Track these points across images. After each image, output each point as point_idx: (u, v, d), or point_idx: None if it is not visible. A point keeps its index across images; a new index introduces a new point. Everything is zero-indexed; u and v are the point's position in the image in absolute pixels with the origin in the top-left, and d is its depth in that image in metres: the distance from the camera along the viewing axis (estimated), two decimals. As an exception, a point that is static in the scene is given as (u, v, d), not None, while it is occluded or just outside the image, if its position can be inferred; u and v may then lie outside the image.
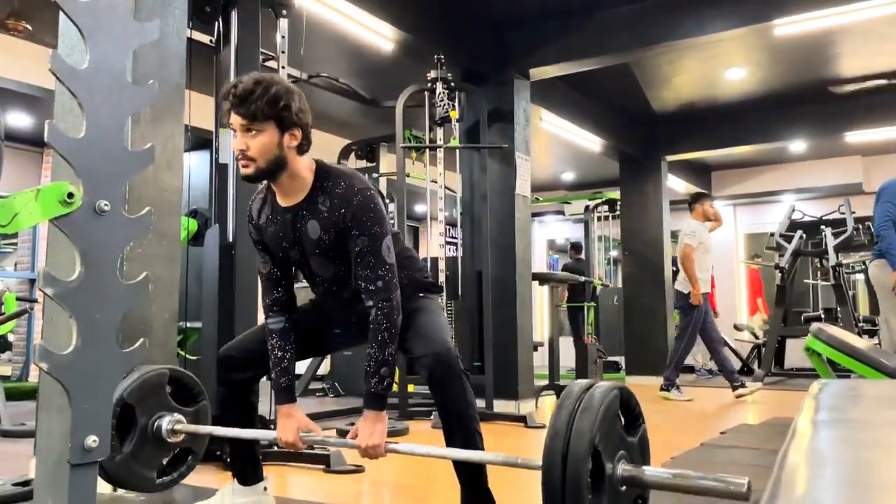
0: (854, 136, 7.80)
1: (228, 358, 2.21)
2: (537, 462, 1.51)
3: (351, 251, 2.00)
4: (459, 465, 2.05)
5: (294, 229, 2.05)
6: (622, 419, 1.61)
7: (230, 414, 2.25)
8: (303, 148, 1.99)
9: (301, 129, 1.97)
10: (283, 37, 3.74)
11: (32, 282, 7.36)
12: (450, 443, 2.04)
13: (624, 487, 1.52)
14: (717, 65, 6.43)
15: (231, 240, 3.42)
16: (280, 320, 2.14)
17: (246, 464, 2.32)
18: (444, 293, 5.06)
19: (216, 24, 3.70)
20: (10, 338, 7.62)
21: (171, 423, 2.15)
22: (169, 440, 2.15)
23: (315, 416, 4.82)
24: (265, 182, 2.07)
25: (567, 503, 1.39)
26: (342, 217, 1.97)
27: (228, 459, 3.05)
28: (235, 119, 1.92)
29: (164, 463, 2.23)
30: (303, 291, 2.30)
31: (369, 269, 1.97)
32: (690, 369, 8.92)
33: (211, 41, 3.76)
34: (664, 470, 1.58)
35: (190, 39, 3.19)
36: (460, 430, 2.01)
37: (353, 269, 2.03)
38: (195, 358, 4.59)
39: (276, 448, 3.23)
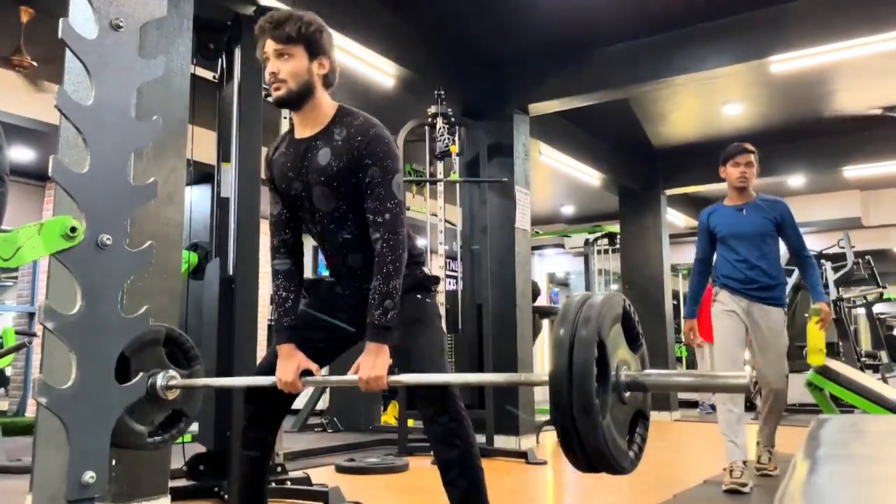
0: (852, 171, 7.85)
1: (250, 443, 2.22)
2: (543, 377, 1.51)
3: (361, 182, 2.00)
4: (457, 501, 2.01)
5: (303, 158, 2.06)
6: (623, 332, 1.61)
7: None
8: (329, 79, 2.08)
9: (329, 59, 2.07)
10: (285, 73, 3.78)
11: (32, 315, 7.34)
12: (446, 479, 1.99)
13: (628, 393, 1.52)
14: (715, 100, 6.50)
15: (231, 273, 3.42)
16: (286, 262, 2.15)
17: (252, 501, 2.29)
18: (445, 328, 5.05)
19: (219, 60, 3.75)
20: (8, 372, 7.57)
21: (166, 378, 2.13)
22: (164, 396, 2.14)
23: (313, 452, 4.78)
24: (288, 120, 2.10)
25: (575, 410, 1.39)
26: (356, 145, 1.99)
27: (226, 497, 3.02)
28: (269, 44, 2.00)
29: (157, 423, 2.22)
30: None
31: (378, 200, 1.98)
32: (694, 405, 8.86)
33: (214, 77, 3.81)
34: (664, 371, 1.61)
35: (193, 76, 3.23)
36: (457, 466, 1.98)
37: (361, 202, 2.01)
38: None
39: (273, 484, 3.20)
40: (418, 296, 2.14)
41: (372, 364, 1.94)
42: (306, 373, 2.05)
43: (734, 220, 3.74)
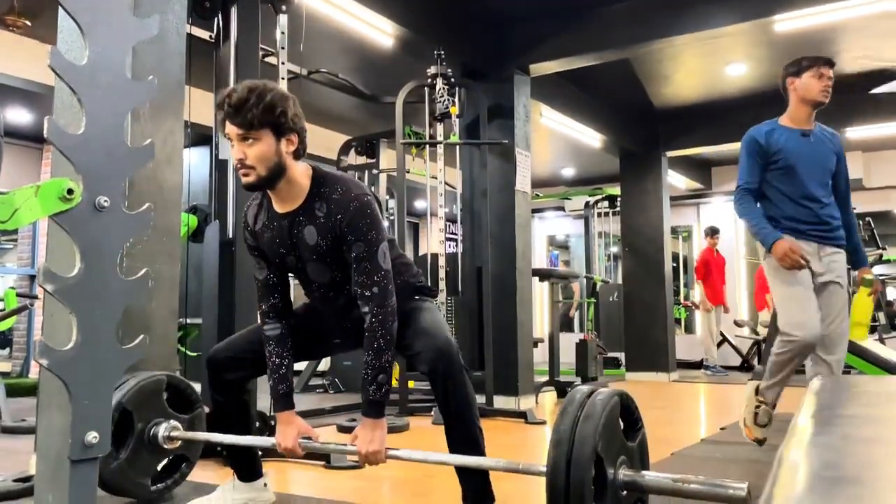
0: (855, 132, 7.79)
1: (217, 360, 2.22)
2: (541, 468, 1.53)
3: (347, 257, 2.00)
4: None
5: (291, 235, 2.05)
6: (622, 424, 1.63)
7: (225, 417, 2.25)
8: (299, 153, 2.01)
9: (297, 134, 1.98)
10: (282, 33, 3.73)
11: (32, 278, 7.36)
12: (450, 439, 2.04)
13: (625, 492, 1.54)
14: (718, 60, 6.42)
15: (231, 236, 3.42)
16: (277, 326, 2.13)
17: (244, 461, 2.33)
18: (444, 291, 5.06)
19: (216, 19, 3.70)
20: (11, 334, 7.62)
21: (168, 429, 2.15)
22: (165, 447, 2.16)
23: (315, 413, 4.83)
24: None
25: None
26: (338, 223, 1.97)
27: (226, 453, 3.06)
28: (231, 129, 1.92)
29: (159, 469, 2.24)
30: (297, 290, 2.31)
31: (365, 274, 1.97)
32: (698, 365, 8.93)
33: (210, 37, 3.75)
34: (664, 475, 1.59)
35: (189, 35, 3.18)
36: (461, 427, 2.02)
37: (351, 275, 2.03)
38: (195, 354, 4.59)
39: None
40: (416, 297, 2.20)
41: (370, 438, 1.97)
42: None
43: (803, 146, 3.14)
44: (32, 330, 7.34)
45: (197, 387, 3.64)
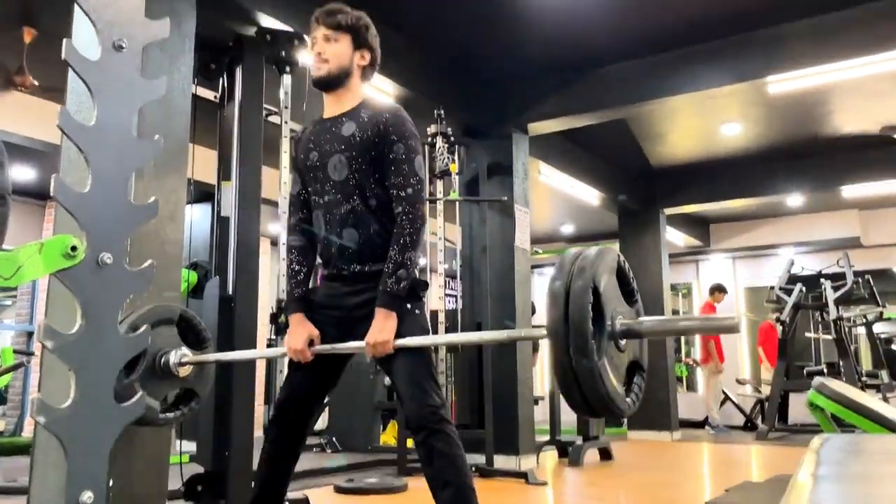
0: (850, 191, 7.87)
1: (281, 406, 2.18)
2: (542, 331, 1.54)
3: (381, 158, 2.08)
4: None
5: (327, 131, 2.18)
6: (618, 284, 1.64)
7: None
8: (367, 73, 2.23)
9: (370, 53, 2.22)
10: (286, 93, 3.81)
11: (30, 334, 7.33)
12: (438, 501, 1.98)
13: (624, 341, 1.57)
14: (713, 119, 6.53)
15: (231, 292, 3.42)
16: (302, 238, 2.24)
17: None
18: (444, 348, 5.04)
19: (221, 80, 3.78)
20: (6, 391, 7.54)
21: (179, 355, 2.16)
22: (175, 373, 2.15)
23: (312, 472, 4.75)
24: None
25: (573, 350, 1.43)
26: (383, 121, 2.10)
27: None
28: (319, 30, 2.16)
29: (169, 400, 2.22)
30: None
31: (402, 176, 2.07)
32: (701, 424, 8.81)
33: (215, 97, 3.83)
34: (657, 317, 1.65)
35: (194, 95, 3.25)
36: (449, 486, 1.95)
37: (371, 178, 2.09)
38: (192, 412, 4.53)
39: None
40: (408, 305, 2.11)
41: (380, 328, 1.99)
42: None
43: None
44: (28, 387, 7.27)
45: (189, 446, 3.60)
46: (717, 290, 8.96)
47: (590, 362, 1.42)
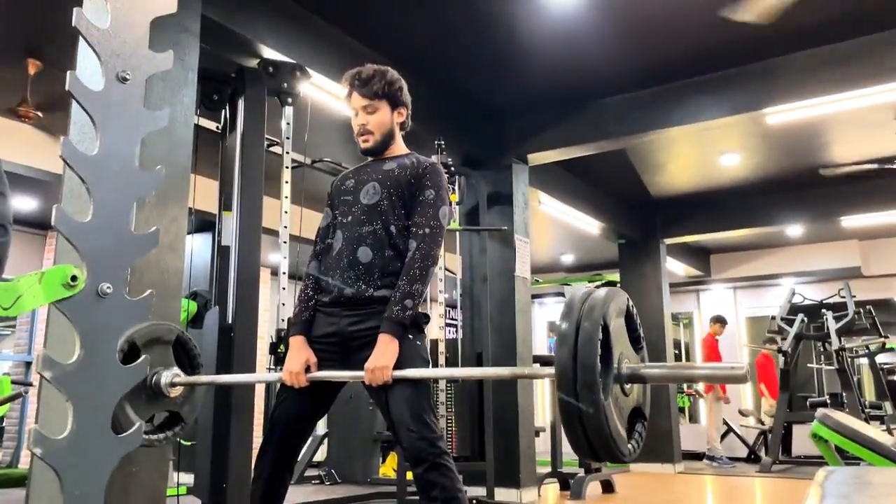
0: (850, 221, 7.88)
1: (260, 479, 2.15)
2: (549, 370, 1.54)
3: (412, 197, 2.18)
4: None
5: (368, 166, 2.30)
6: (626, 328, 1.64)
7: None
8: (405, 125, 2.35)
9: (406, 108, 2.33)
10: (287, 123, 3.84)
11: (28, 364, 7.29)
12: None
13: (629, 385, 1.56)
14: (712, 151, 6.57)
15: (230, 322, 3.41)
16: (319, 267, 2.26)
17: None
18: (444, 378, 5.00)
19: (223, 111, 3.81)
20: (3, 423, 7.48)
21: (171, 375, 2.13)
22: (165, 393, 2.12)
23: (311, 505, 4.69)
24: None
25: (579, 386, 1.43)
26: (420, 167, 2.23)
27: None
28: (357, 100, 2.24)
29: (155, 422, 2.19)
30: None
31: (425, 217, 2.16)
32: (697, 455, 8.72)
33: (217, 127, 3.86)
34: (662, 364, 1.66)
35: (197, 126, 3.27)
36: None
37: (398, 209, 2.17)
38: (189, 443, 4.50)
39: None
40: (409, 335, 2.11)
41: (382, 353, 1.98)
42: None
43: None
44: (25, 418, 7.21)
45: (187, 478, 3.56)
46: (718, 321, 8.92)
47: (596, 400, 1.41)
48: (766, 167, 6.95)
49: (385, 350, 1.98)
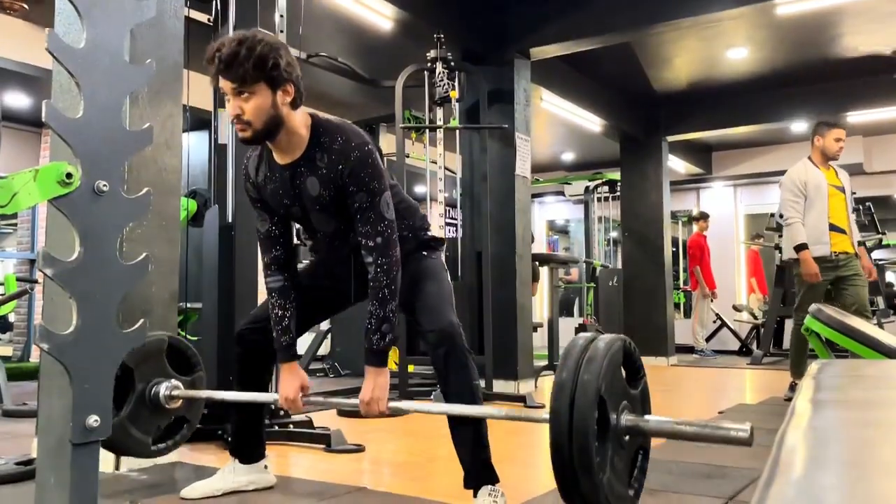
0: (856, 117, 7.76)
1: (241, 332, 2.28)
2: (543, 415, 1.54)
3: (350, 207, 1.99)
4: (459, 443, 2.06)
5: (293, 186, 2.03)
6: (624, 371, 1.64)
7: (245, 381, 2.28)
8: (296, 102, 1.95)
9: (293, 84, 1.92)
10: (281, 16, 3.70)
11: (32, 262, 7.36)
12: (453, 422, 2.05)
13: (627, 437, 1.55)
14: (719, 44, 6.39)
15: (230, 220, 3.41)
16: (279, 279, 2.13)
17: (250, 439, 2.34)
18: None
19: (214, 2, 3.67)
20: (11, 318, 7.63)
21: (169, 388, 2.15)
22: (166, 406, 2.16)
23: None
24: None
25: (574, 452, 1.43)
26: (340, 173, 1.95)
27: (229, 439, 3.07)
28: (225, 83, 1.87)
29: (160, 430, 2.25)
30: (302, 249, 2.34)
31: (369, 225, 1.96)
32: (691, 349, 8.96)
33: (209, 20, 3.73)
34: (665, 418, 1.61)
35: (188, 18, 3.16)
36: (464, 396, 2.02)
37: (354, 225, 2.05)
38: (195, 339, 4.60)
39: (276, 428, 3.25)
40: (423, 253, 2.19)
41: (372, 387, 1.98)
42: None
43: None
44: (33, 314, 7.35)
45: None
46: (701, 217, 8.96)
47: (593, 480, 1.42)
48: (774, 61, 6.77)
49: (375, 382, 1.98)
